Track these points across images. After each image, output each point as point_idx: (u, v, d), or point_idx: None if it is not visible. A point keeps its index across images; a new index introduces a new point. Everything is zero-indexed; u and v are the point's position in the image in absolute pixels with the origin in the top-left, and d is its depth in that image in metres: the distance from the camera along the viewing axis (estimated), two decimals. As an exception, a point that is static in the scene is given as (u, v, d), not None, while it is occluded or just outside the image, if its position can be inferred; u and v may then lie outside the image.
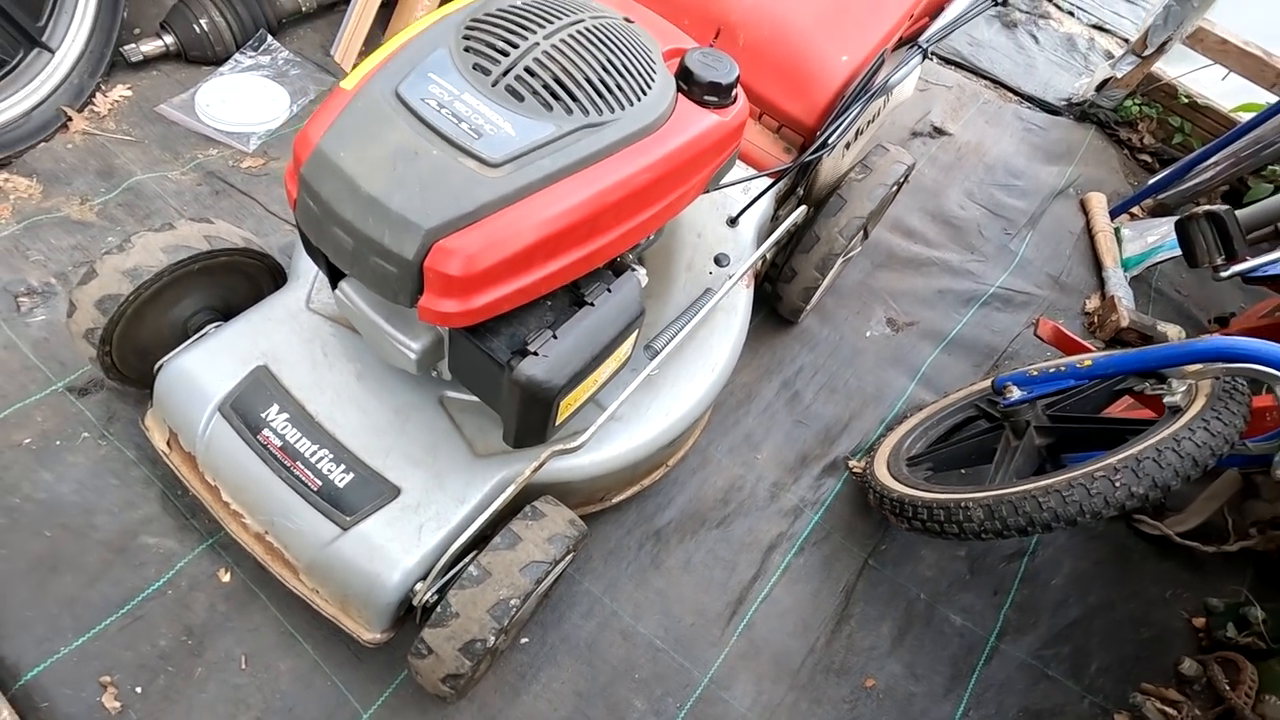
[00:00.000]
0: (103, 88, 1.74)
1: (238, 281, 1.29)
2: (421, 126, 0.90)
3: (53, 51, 1.64)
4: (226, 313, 1.27)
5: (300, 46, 2.01)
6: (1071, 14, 3.79)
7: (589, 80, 0.96)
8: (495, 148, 0.89)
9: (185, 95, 1.80)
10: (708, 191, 1.22)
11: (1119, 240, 2.30)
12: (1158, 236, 2.23)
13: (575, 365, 0.98)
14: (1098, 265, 2.25)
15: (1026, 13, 3.62)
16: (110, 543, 1.20)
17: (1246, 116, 2.52)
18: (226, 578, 1.22)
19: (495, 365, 0.98)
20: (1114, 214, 2.45)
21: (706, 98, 1.08)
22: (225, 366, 1.16)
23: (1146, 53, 2.52)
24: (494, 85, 0.93)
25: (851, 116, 1.41)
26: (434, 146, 0.89)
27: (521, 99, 0.93)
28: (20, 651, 1.09)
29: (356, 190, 0.87)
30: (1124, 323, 1.98)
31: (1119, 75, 2.63)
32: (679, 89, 1.08)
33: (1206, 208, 1.62)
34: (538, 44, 0.96)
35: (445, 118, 0.90)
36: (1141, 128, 2.70)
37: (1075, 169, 2.58)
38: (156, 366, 1.19)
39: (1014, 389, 1.40)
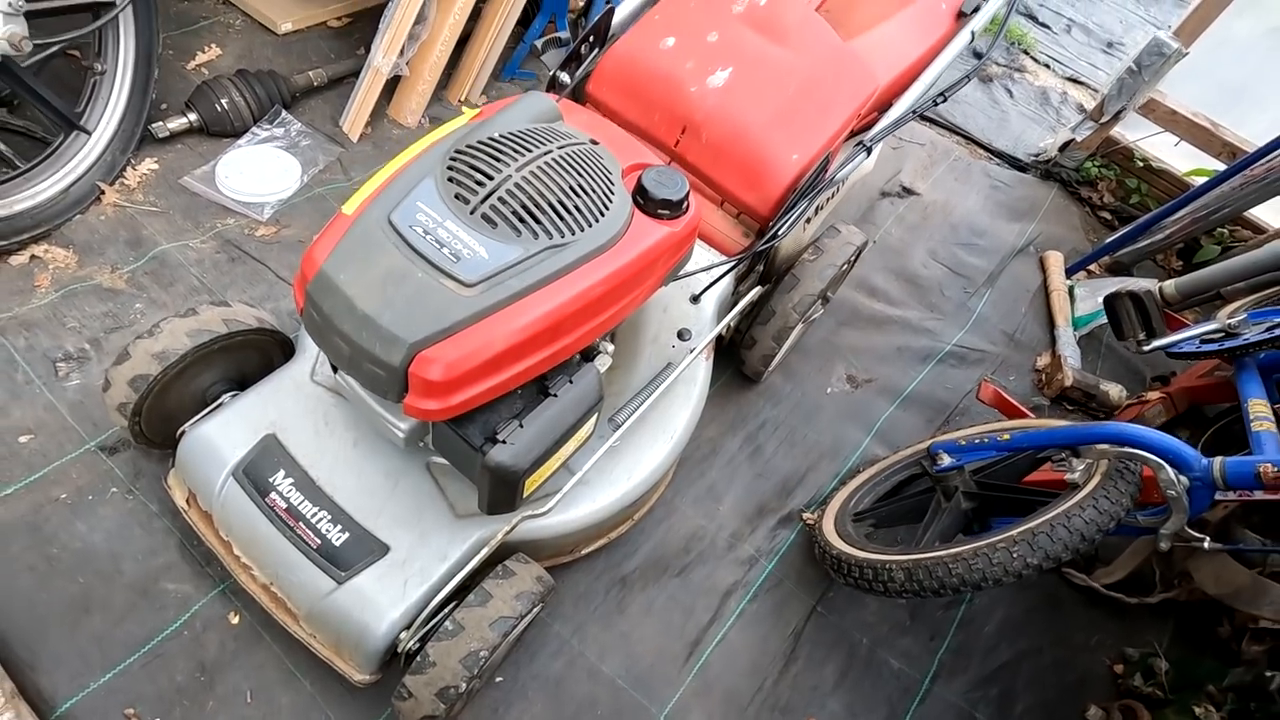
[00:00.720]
0: (133, 162, 1.92)
1: (251, 355, 1.45)
2: (409, 251, 1.07)
3: (89, 133, 1.82)
4: (241, 382, 1.43)
5: (312, 118, 2.20)
6: (1047, 66, 3.96)
7: (553, 206, 1.12)
8: (471, 270, 1.06)
9: (207, 167, 1.99)
10: (667, 284, 1.39)
11: (1072, 299, 2.45)
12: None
13: (539, 451, 1.14)
14: (1051, 323, 2.41)
15: (1003, 66, 3.79)
16: (135, 587, 1.37)
17: (1199, 180, 2.68)
18: (235, 620, 1.38)
19: (470, 448, 1.14)
20: (1072, 270, 2.60)
21: (660, 212, 1.24)
22: (238, 435, 1.33)
23: (1103, 119, 2.68)
24: (472, 213, 1.10)
25: (801, 209, 1.57)
26: (419, 269, 1.05)
27: (495, 225, 1.09)
28: (56, 685, 1.25)
29: (353, 308, 1.03)
30: (1068, 382, 2.12)
31: (1079, 139, 2.79)
32: (636, 203, 1.24)
33: (1129, 288, 1.78)
34: (510, 176, 1.12)
35: (429, 243, 1.07)
36: (1101, 187, 2.86)
37: (1037, 226, 2.74)
38: (179, 432, 1.36)
39: (945, 456, 1.56)
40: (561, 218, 1.13)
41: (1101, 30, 4.50)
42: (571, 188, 1.16)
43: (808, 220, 1.86)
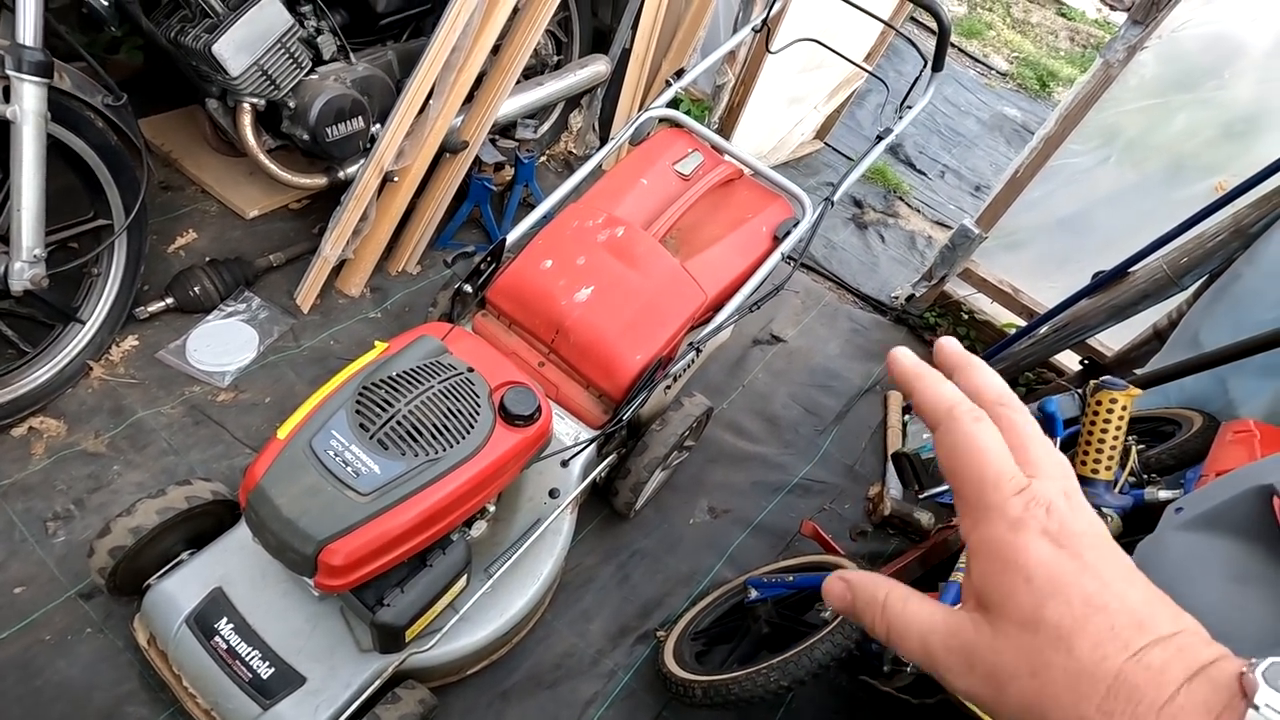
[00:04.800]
0: (117, 340, 2.36)
1: (207, 519, 1.86)
2: (323, 470, 1.51)
3: (83, 322, 2.26)
4: (198, 540, 1.84)
5: (270, 294, 2.66)
6: (919, 211, 4.64)
7: (431, 429, 1.59)
8: (366, 483, 1.50)
9: (179, 342, 2.42)
10: (531, 465, 1.85)
11: (904, 434, 2.96)
12: (930, 435, 2.89)
13: (415, 609, 1.57)
14: (885, 456, 2.91)
15: (879, 213, 4.45)
16: (103, 713, 1.72)
17: (1012, 331, 3.27)
18: (182, 738, 1.74)
19: (365, 608, 1.56)
20: (911, 407, 3.13)
21: (516, 422, 1.71)
22: (192, 590, 1.72)
23: (934, 281, 3.28)
24: (371, 439, 1.55)
25: (642, 399, 2.06)
26: (328, 484, 1.50)
27: (387, 448, 1.55)
28: (34, 797, 1.60)
29: (279, 514, 1.47)
30: (887, 511, 2.61)
31: (918, 294, 3.38)
32: (499, 415, 1.71)
33: (904, 450, 2.28)
34: (400, 410, 1.59)
35: (338, 463, 1.52)
36: (939, 333, 3.44)
37: (885, 367, 3.28)
38: (145, 586, 1.75)
39: (752, 590, 2.00)
40: (437, 438, 1.59)
41: (973, 175, 5.24)
42: (447, 412, 1.62)
43: (668, 387, 2.36)
